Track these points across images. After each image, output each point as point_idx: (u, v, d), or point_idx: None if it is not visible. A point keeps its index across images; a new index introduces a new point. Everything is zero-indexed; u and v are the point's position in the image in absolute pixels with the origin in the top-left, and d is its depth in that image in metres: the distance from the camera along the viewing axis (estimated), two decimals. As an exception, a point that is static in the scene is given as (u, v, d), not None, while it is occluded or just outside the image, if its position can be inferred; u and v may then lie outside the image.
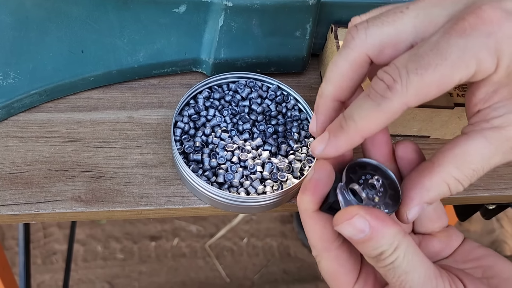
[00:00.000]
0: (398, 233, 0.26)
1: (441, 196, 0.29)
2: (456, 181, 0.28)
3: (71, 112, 0.42)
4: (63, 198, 0.38)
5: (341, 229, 0.27)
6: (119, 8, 0.41)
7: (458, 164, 0.27)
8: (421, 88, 0.26)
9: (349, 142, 0.28)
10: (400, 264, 0.26)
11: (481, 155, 0.27)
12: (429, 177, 0.28)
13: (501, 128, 0.27)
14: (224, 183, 0.37)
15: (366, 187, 0.29)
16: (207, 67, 0.45)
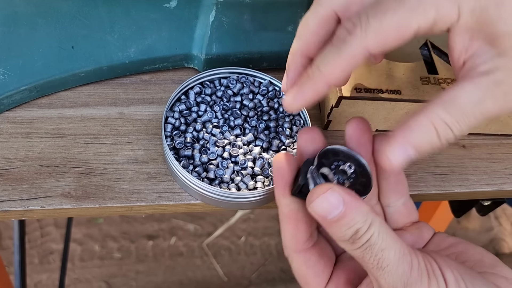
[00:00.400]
0: (370, 211, 0.26)
1: (428, 141, 0.26)
2: (444, 125, 0.26)
3: (61, 108, 0.42)
4: (53, 195, 0.38)
5: (315, 207, 0.26)
6: (109, 3, 0.41)
7: (446, 106, 0.26)
8: (379, 31, 0.26)
9: (315, 89, 0.28)
10: (376, 241, 0.26)
11: (470, 99, 0.26)
12: (414, 118, 0.27)
13: (488, 73, 0.26)
14: (215, 179, 0.37)
15: (337, 173, 0.29)
16: (199, 63, 0.45)
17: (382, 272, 0.26)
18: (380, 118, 0.43)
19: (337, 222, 0.26)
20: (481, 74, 0.26)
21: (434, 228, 0.35)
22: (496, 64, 0.26)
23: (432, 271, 0.27)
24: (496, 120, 0.44)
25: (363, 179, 0.29)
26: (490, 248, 1.36)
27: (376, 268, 0.26)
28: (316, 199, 0.26)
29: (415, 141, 0.26)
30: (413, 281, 0.26)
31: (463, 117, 0.26)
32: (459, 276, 0.27)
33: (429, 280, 0.26)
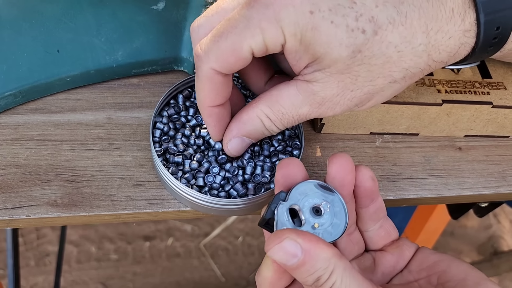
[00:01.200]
0: (333, 256, 0.25)
1: (259, 132, 0.34)
2: (267, 119, 0.33)
3: (47, 114, 0.41)
4: (39, 203, 0.37)
5: (272, 254, 0.26)
6: (95, 5, 0.40)
7: (270, 104, 0.32)
8: (218, 53, 0.29)
9: (208, 116, 0.34)
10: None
11: (291, 101, 0.32)
12: (246, 112, 0.33)
13: (309, 82, 0.31)
14: (204, 186, 0.36)
15: (310, 211, 0.28)
16: (189, 66, 0.44)
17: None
18: (374, 121, 0.42)
19: (296, 269, 0.26)
20: (304, 81, 0.31)
21: (432, 229, 0.34)
22: (316, 77, 0.30)
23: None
24: (493, 122, 0.43)
25: (337, 221, 0.29)
26: (488, 246, 1.35)
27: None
28: (273, 248, 0.26)
29: (247, 132, 0.34)
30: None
31: (283, 116, 0.32)
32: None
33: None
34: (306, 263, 0.25)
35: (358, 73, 0.30)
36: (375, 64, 0.29)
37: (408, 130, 0.44)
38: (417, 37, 0.29)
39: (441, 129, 0.44)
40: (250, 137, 0.34)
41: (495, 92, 0.42)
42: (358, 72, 0.30)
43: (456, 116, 0.42)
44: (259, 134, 0.34)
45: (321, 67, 0.30)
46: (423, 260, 0.32)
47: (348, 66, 0.29)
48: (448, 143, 0.45)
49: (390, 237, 0.34)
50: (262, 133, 0.34)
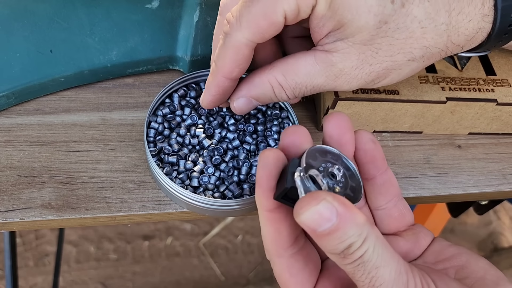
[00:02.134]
0: (366, 223, 0.23)
1: (268, 97, 0.32)
2: (279, 86, 0.32)
3: (41, 115, 0.41)
4: (32, 206, 0.36)
5: (304, 219, 0.23)
6: (88, 4, 0.39)
7: (284, 71, 0.31)
8: (250, 20, 0.29)
9: (216, 85, 0.32)
10: (370, 258, 0.23)
11: (307, 71, 0.31)
12: (258, 75, 0.32)
13: (328, 52, 0.30)
14: (199, 187, 0.36)
15: (326, 176, 0.26)
16: (184, 65, 0.43)
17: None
18: (378, 119, 0.41)
19: (328, 235, 0.23)
20: (323, 51, 0.30)
21: (432, 227, 0.33)
22: (337, 46, 0.30)
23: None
24: (498, 119, 0.42)
25: (353, 184, 0.27)
26: (488, 243, 1.35)
27: (368, 286, 0.24)
28: (307, 211, 0.22)
29: (256, 95, 0.33)
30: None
31: (296, 85, 0.31)
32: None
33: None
34: (340, 228, 0.22)
35: (380, 46, 0.29)
36: (398, 39, 0.29)
37: (412, 128, 0.43)
38: (440, 15, 0.29)
39: (445, 127, 0.43)
40: (258, 100, 0.33)
41: (500, 89, 0.41)
42: (380, 45, 0.29)
43: (460, 114, 0.41)
44: (267, 99, 0.33)
45: (344, 35, 0.29)
46: (441, 252, 0.30)
47: (371, 37, 0.29)
48: (448, 141, 0.44)
49: (404, 220, 0.31)
50: (271, 98, 0.33)
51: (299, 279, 0.28)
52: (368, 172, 0.30)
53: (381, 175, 0.30)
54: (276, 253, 0.27)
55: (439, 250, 0.31)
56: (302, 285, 0.28)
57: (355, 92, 0.39)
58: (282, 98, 0.33)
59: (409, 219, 0.32)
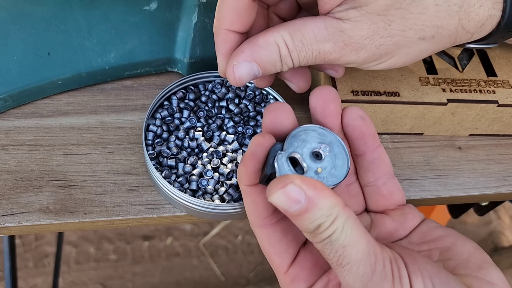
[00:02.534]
0: (337, 204, 0.24)
1: (272, 61, 0.29)
2: (285, 47, 0.29)
3: (39, 118, 0.40)
4: (30, 210, 0.36)
5: (274, 200, 0.24)
6: (85, 7, 0.39)
7: (292, 31, 0.29)
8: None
9: (222, 41, 0.30)
10: (337, 238, 0.24)
11: (314, 34, 0.29)
12: (263, 35, 0.29)
13: (339, 20, 0.29)
14: (198, 190, 0.35)
15: (311, 156, 0.26)
16: (183, 67, 0.43)
17: (342, 270, 0.24)
18: (378, 121, 0.41)
19: (298, 216, 0.24)
20: (334, 19, 0.29)
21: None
22: (349, 14, 0.28)
23: (398, 277, 0.24)
24: (499, 121, 0.42)
25: (340, 162, 0.27)
26: (489, 242, 1.35)
27: (336, 264, 0.24)
28: (274, 193, 0.24)
29: (260, 59, 0.29)
30: (373, 285, 0.24)
31: (303, 47, 0.29)
32: (429, 283, 0.25)
33: (392, 286, 0.24)
34: (309, 210, 0.23)
35: (393, 18, 0.28)
36: (412, 12, 0.28)
37: (412, 130, 0.43)
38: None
39: (446, 128, 0.43)
40: (261, 65, 0.29)
41: (501, 90, 0.41)
42: (394, 17, 0.28)
43: (461, 115, 0.41)
44: (271, 64, 0.29)
45: (358, 4, 0.28)
46: (427, 233, 0.30)
47: (386, 8, 0.28)
48: (448, 143, 0.44)
49: (393, 199, 0.32)
50: (275, 64, 0.30)
51: (277, 249, 0.29)
52: (357, 148, 0.31)
53: (372, 152, 0.31)
54: (255, 223, 0.29)
55: (425, 231, 0.31)
56: (280, 255, 0.29)
57: (355, 94, 0.39)
58: (286, 63, 0.30)
59: (399, 198, 0.32)
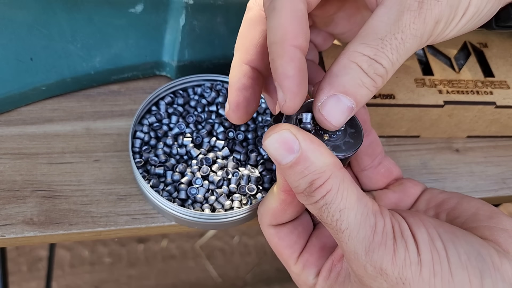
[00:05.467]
0: (332, 163, 0.23)
1: (357, 81, 0.24)
2: (365, 58, 0.24)
3: (22, 125, 0.39)
4: (14, 222, 0.35)
5: (269, 145, 0.23)
6: (68, 10, 0.37)
7: (363, 39, 0.24)
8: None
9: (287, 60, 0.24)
10: (333, 200, 0.23)
11: (384, 22, 0.24)
12: (335, 63, 0.24)
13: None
14: (187, 199, 0.34)
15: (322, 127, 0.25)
16: (171, 70, 0.42)
17: (342, 235, 0.23)
18: (373, 124, 0.40)
19: (291, 168, 0.23)
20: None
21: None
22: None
23: (400, 233, 0.23)
24: (496, 122, 0.41)
25: (353, 130, 0.26)
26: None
27: (335, 230, 0.23)
28: (268, 137, 0.23)
29: (343, 87, 0.24)
30: (375, 245, 0.23)
31: (383, 42, 0.23)
32: (435, 234, 0.24)
33: (395, 243, 0.23)
34: (301, 162, 0.23)
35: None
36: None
37: (409, 133, 0.42)
38: None
39: (443, 130, 0.42)
40: (347, 93, 0.24)
41: (498, 91, 0.40)
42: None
43: (458, 117, 0.40)
44: (356, 86, 0.24)
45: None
46: (431, 199, 0.30)
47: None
48: (445, 145, 0.43)
49: (392, 175, 0.32)
50: (361, 82, 0.24)
51: (287, 242, 0.29)
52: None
53: (367, 136, 0.31)
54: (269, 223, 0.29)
55: (429, 198, 0.30)
56: (290, 247, 0.29)
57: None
58: (376, 71, 0.24)
59: (397, 173, 0.32)
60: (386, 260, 0.23)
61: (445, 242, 0.24)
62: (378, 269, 0.23)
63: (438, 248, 0.23)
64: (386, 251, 0.23)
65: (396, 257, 0.23)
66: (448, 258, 0.23)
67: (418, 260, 0.23)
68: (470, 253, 0.23)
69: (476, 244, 0.24)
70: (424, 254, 0.23)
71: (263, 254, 1.27)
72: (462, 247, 0.24)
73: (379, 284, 0.23)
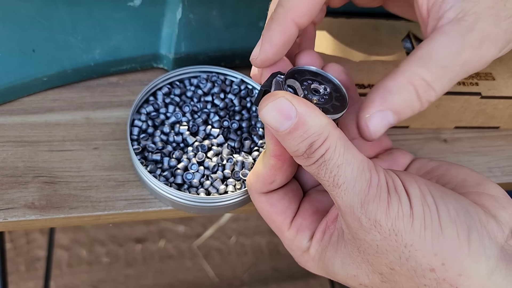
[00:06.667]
0: (328, 124, 0.24)
1: (409, 104, 0.25)
2: (423, 82, 0.25)
3: (24, 115, 0.40)
4: (16, 206, 0.36)
5: (265, 114, 0.24)
6: (70, 3, 0.39)
7: (424, 62, 0.25)
8: None
9: (282, 30, 0.26)
10: (331, 157, 0.24)
11: (447, 51, 0.25)
12: (392, 79, 0.25)
13: (459, 20, 0.25)
14: (183, 184, 0.35)
15: (309, 91, 0.27)
16: (168, 63, 0.43)
17: (339, 190, 0.25)
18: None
19: (289, 134, 0.24)
20: (451, 22, 0.25)
21: None
22: (464, 8, 0.25)
23: (393, 187, 0.25)
24: (483, 113, 0.42)
25: (338, 94, 0.27)
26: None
27: (332, 185, 0.25)
28: (265, 106, 0.24)
29: (395, 105, 0.25)
30: (370, 198, 0.24)
31: (444, 72, 0.25)
32: (426, 191, 0.25)
33: (389, 196, 0.24)
34: (300, 127, 0.24)
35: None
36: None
37: (398, 123, 0.43)
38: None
39: (431, 121, 0.43)
40: (397, 112, 0.25)
41: (484, 82, 0.41)
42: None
43: (445, 108, 0.41)
44: (407, 107, 0.25)
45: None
46: (421, 167, 0.31)
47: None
48: (434, 135, 0.44)
49: (381, 145, 0.33)
50: (412, 106, 0.25)
51: (279, 208, 0.30)
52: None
53: (355, 105, 0.31)
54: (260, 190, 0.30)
55: (419, 167, 0.31)
56: (282, 212, 0.30)
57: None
58: (428, 98, 0.25)
59: (386, 143, 0.33)
60: (380, 211, 0.24)
61: (436, 198, 0.25)
62: (373, 221, 0.24)
63: (429, 203, 0.24)
64: (381, 203, 0.24)
65: (390, 209, 0.24)
66: (438, 212, 0.24)
67: (410, 213, 0.24)
68: (458, 210, 0.25)
69: (464, 202, 0.25)
70: (416, 208, 0.24)
71: (260, 254, 1.28)
72: (451, 203, 0.25)
73: (373, 236, 0.24)
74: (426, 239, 0.24)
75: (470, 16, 0.25)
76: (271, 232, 1.28)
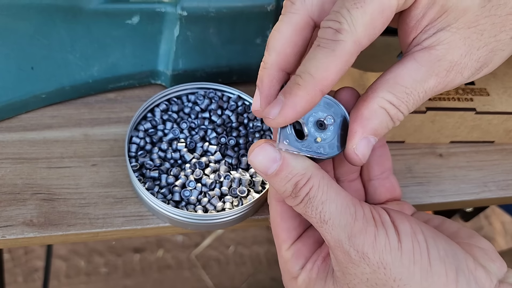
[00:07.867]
0: (310, 165, 0.27)
1: (385, 125, 0.27)
2: (391, 106, 0.27)
3: (23, 132, 0.41)
4: (14, 223, 0.36)
5: (254, 158, 0.26)
6: (68, 21, 0.39)
7: (390, 88, 0.27)
8: (366, 20, 0.25)
9: (308, 98, 0.26)
10: (315, 194, 0.26)
11: (412, 77, 0.26)
12: (365, 106, 0.27)
13: (430, 48, 0.26)
14: (181, 201, 0.36)
15: (315, 125, 0.28)
16: (166, 79, 0.44)
17: (326, 226, 0.26)
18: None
19: (276, 176, 0.26)
20: (423, 49, 0.27)
21: None
22: (439, 38, 0.26)
23: (380, 221, 0.26)
24: (478, 128, 0.43)
25: (342, 132, 0.28)
26: (480, 248, 1.35)
27: (320, 222, 0.26)
28: (254, 150, 0.26)
29: (373, 129, 0.27)
30: (357, 231, 0.25)
31: (408, 97, 0.27)
32: (418, 229, 0.26)
33: (376, 229, 0.25)
34: (284, 168, 0.26)
35: (484, 27, 0.27)
36: (499, 16, 0.27)
37: (394, 138, 0.43)
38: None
39: (427, 136, 0.44)
40: (376, 134, 0.28)
41: (478, 98, 0.42)
42: (484, 26, 0.27)
43: (440, 123, 0.42)
44: (384, 128, 0.28)
45: (446, 23, 0.26)
46: (418, 217, 0.32)
47: (476, 18, 0.26)
48: (429, 150, 0.44)
49: (395, 193, 0.34)
50: (387, 126, 0.28)
51: (287, 225, 0.31)
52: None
53: (380, 147, 0.33)
54: (278, 197, 0.31)
55: (417, 216, 0.33)
56: (288, 231, 0.31)
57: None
58: (398, 119, 0.28)
59: (399, 193, 0.34)
60: (367, 244, 0.25)
61: (427, 237, 0.26)
62: (361, 253, 0.25)
63: (420, 240, 0.25)
64: (367, 235, 0.25)
65: (377, 242, 0.25)
66: (428, 249, 0.25)
67: (398, 247, 0.25)
68: (448, 251, 0.26)
69: (454, 247, 0.27)
70: (405, 243, 0.25)
71: (258, 264, 1.28)
72: (441, 244, 0.26)
73: (362, 269, 0.25)
74: (415, 274, 0.25)
75: (442, 46, 0.26)
76: (269, 242, 1.28)
